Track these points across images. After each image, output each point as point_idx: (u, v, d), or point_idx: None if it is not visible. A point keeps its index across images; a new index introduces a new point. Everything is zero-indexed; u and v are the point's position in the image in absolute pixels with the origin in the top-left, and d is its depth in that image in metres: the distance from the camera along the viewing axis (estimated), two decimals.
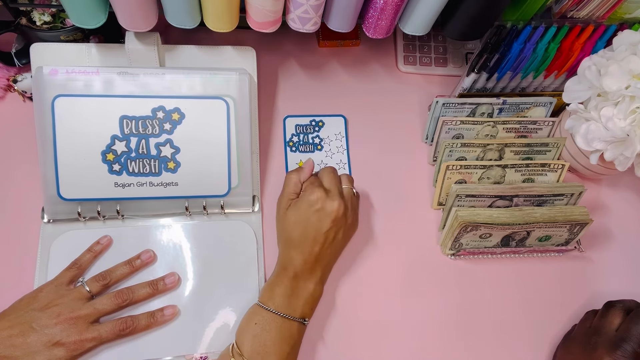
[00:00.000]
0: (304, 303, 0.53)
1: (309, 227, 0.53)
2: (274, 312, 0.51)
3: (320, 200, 0.53)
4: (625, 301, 0.55)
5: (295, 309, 0.52)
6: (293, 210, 0.54)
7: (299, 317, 0.52)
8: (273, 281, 0.54)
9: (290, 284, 0.53)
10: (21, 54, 0.60)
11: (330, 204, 0.53)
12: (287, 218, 0.55)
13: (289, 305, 0.52)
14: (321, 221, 0.53)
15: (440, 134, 0.63)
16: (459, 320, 0.59)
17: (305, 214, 0.53)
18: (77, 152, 0.54)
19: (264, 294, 0.53)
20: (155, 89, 0.55)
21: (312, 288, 0.54)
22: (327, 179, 0.56)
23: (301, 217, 0.53)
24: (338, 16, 0.53)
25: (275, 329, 0.50)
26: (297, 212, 0.54)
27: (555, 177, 0.62)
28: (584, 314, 0.58)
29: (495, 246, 0.61)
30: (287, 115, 0.66)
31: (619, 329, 0.52)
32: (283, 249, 0.55)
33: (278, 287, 0.53)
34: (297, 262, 0.53)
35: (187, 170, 0.56)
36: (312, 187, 0.54)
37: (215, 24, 0.52)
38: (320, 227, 0.53)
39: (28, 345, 0.47)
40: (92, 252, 0.55)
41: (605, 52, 0.56)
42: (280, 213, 0.57)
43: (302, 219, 0.53)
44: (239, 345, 0.50)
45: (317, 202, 0.53)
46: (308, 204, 0.53)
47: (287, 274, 0.53)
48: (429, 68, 0.72)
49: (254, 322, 0.51)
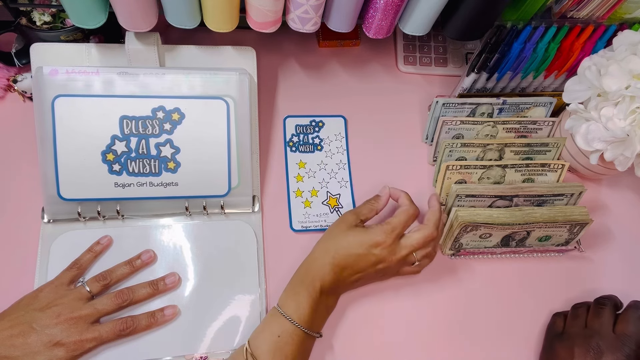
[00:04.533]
0: (322, 317, 0.54)
1: (359, 261, 0.53)
2: (298, 326, 0.50)
3: (384, 249, 0.53)
4: (612, 298, 0.56)
5: (316, 324, 0.53)
6: (356, 235, 0.53)
7: (317, 331, 0.52)
8: (298, 289, 0.52)
9: (317, 297, 0.52)
10: (21, 54, 0.60)
11: (390, 258, 0.53)
12: (346, 238, 0.54)
13: (313, 320, 0.51)
14: (371, 264, 0.53)
15: (440, 134, 0.63)
16: (459, 320, 0.59)
17: (363, 248, 0.53)
18: (77, 152, 0.54)
19: (288, 302, 0.51)
20: (155, 89, 0.55)
21: (332, 303, 0.55)
22: (412, 237, 0.54)
23: (358, 248, 0.53)
24: (338, 16, 0.53)
25: (297, 343, 0.50)
26: (357, 240, 0.53)
27: (555, 177, 0.62)
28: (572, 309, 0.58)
29: (495, 246, 0.61)
30: (287, 115, 0.66)
31: (616, 331, 0.53)
32: (321, 258, 0.53)
33: (305, 300, 0.51)
34: (329, 278, 0.52)
35: (187, 170, 0.56)
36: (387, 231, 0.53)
37: (215, 24, 0.52)
38: (366, 268, 0.53)
39: (28, 345, 0.47)
40: (93, 252, 0.55)
41: (605, 52, 0.56)
42: (340, 225, 0.55)
43: (358, 251, 0.53)
44: (254, 352, 0.49)
45: (379, 247, 0.53)
46: (373, 243, 0.53)
47: (315, 285, 0.52)
48: (429, 68, 0.72)
49: (277, 335, 0.49)
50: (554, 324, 0.58)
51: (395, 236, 0.53)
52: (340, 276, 0.53)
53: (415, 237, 0.54)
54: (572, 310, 0.58)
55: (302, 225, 0.61)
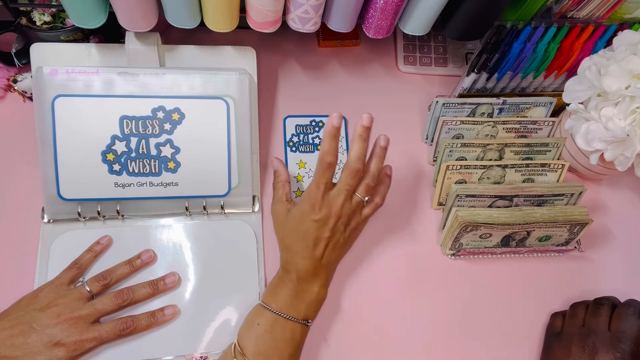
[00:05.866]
0: (307, 305, 0.53)
1: (309, 233, 0.52)
2: (277, 313, 0.51)
3: (319, 209, 0.52)
4: (610, 298, 0.56)
5: (298, 311, 0.52)
6: (291, 216, 0.54)
7: (302, 318, 0.52)
8: (276, 283, 0.54)
9: (294, 286, 0.53)
10: (21, 54, 0.60)
11: (332, 212, 0.52)
12: (286, 224, 0.54)
13: (293, 307, 0.52)
14: (320, 228, 0.52)
15: (440, 134, 0.63)
16: (459, 320, 0.59)
17: (303, 221, 0.52)
18: (77, 152, 0.54)
19: (267, 295, 0.53)
20: (155, 89, 0.55)
21: (317, 291, 0.54)
22: (339, 180, 0.52)
23: (299, 224, 0.53)
24: (338, 16, 0.53)
25: (278, 330, 0.50)
26: (294, 219, 0.53)
27: (555, 177, 0.62)
28: (570, 309, 0.58)
29: (495, 246, 0.61)
30: (287, 115, 0.66)
31: (611, 329, 0.53)
32: (284, 253, 0.55)
33: (281, 289, 0.53)
34: (299, 265, 0.53)
35: (187, 170, 0.56)
36: (311, 192, 0.52)
37: (215, 24, 0.52)
38: (320, 234, 0.52)
39: (28, 345, 0.47)
40: (92, 252, 0.55)
41: (605, 52, 0.56)
42: (277, 220, 0.56)
43: (301, 227, 0.53)
44: (241, 346, 0.50)
45: (315, 211, 0.52)
46: (305, 211, 0.52)
47: (290, 276, 0.53)
48: (429, 68, 0.72)
49: (257, 323, 0.51)
50: (552, 324, 0.58)
51: (323, 191, 0.51)
52: (308, 258, 0.52)
53: (341, 179, 0.52)
54: (571, 309, 0.58)
55: None
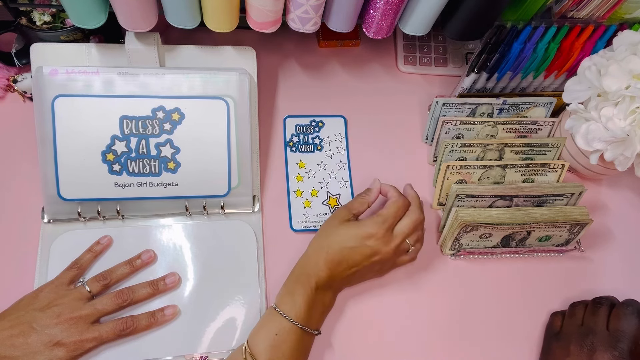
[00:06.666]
0: (320, 314, 0.53)
1: (353, 254, 0.53)
2: (295, 323, 0.50)
3: (377, 240, 0.53)
4: (609, 298, 0.56)
5: (314, 321, 0.52)
6: (348, 229, 0.54)
7: (314, 329, 0.52)
8: (294, 287, 0.52)
9: (312, 294, 0.52)
10: (21, 54, 0.60)
11: (384, 249, 0.53)
12: (338, 232, 0.54)
13: (310, 317, 0.51)
14: (365, 257, 0.53)
15: (440, 134, 0.63)
16: (460, 319, 0.59)
17: (356, 241, 0.53)
18: (77, 152, 0.54)
19: (284, 301, 0.52)
20: (155, 89, 0.55)
21: (329, 299, 0.54)
22: (402, 224, 0.55)
23: (351, 242, 0.53)
24: (338, 16, 0.53)
25: (294, 340, 0.50)
26: (349, 234, 0.53)
27: (555, 177, 0.62)
28: (569, 309, 0.58)
29: (495, 246, 0.61)
30: (287, 115, 0.66)
31: (610, 328, 0.53)
32: (315, 255, 0.54)
33: (300, 296, 0.51)
34: (323, 274, 0.52)
35: (187, 171, 0.56)
36: (379, 222, 0.53)
37: (215, 24, 0.52)
38: (361, 261, 0.53)
39: (28, 345, 0.47)
40: (93, 252, 0.55)
41: (605, 52, 0.56)
42: (333, 221, 0.56)
43: (351, 244, 0.53)
44: (252, 350, 0.49)
45: (372, 239, 0.53)
46: (365, 235, 0.53)
47: (310, 282, 0.52)
48: (429, 68, 0.72)
49: (274, 333, 0.50)
50: (552, 323, 0.58)
51: (388, 227, 0.54)
52: (335, 271, 0.53)
53: (405, 224, 0.55)
54: (570, 309, 0.58)
55: (302, 226, 0.62)
